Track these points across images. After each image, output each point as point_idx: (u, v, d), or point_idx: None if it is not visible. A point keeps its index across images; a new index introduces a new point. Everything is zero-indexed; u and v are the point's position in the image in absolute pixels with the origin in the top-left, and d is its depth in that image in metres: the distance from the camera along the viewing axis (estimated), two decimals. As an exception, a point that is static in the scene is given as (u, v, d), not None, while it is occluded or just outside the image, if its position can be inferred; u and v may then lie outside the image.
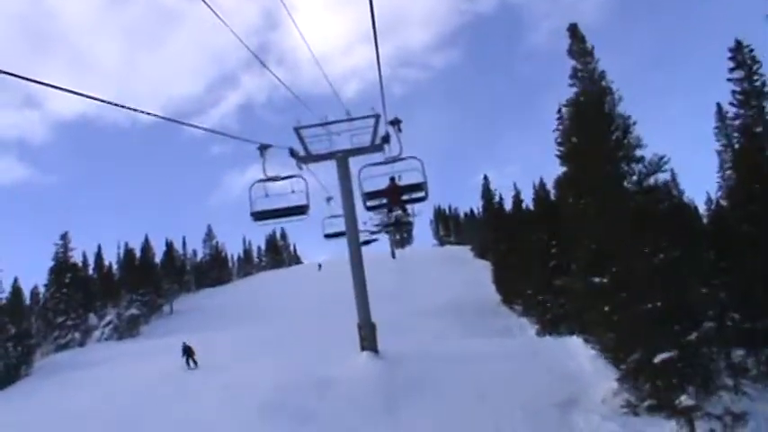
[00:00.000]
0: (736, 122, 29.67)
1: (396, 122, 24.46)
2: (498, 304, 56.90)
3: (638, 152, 18.26)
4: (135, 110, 9.69)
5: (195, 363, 35.12)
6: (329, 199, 31.10)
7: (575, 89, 20.58)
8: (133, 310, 71.11)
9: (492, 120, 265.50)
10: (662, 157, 18.12)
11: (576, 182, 19.72)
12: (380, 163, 24.13)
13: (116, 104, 8.97)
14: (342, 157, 27.30)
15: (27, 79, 6.93)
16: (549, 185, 52.55)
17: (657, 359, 16.35)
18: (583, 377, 22.18)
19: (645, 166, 18.04)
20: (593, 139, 18.69)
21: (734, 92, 30.19)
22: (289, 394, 22.68)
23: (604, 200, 17.82)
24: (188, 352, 35.64)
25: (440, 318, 48.58)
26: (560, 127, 39.17)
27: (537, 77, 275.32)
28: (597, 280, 18.00)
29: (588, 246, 18.36)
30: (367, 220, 46.24)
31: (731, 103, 30.26)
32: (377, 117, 25.58)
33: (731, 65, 30.39)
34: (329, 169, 28.06)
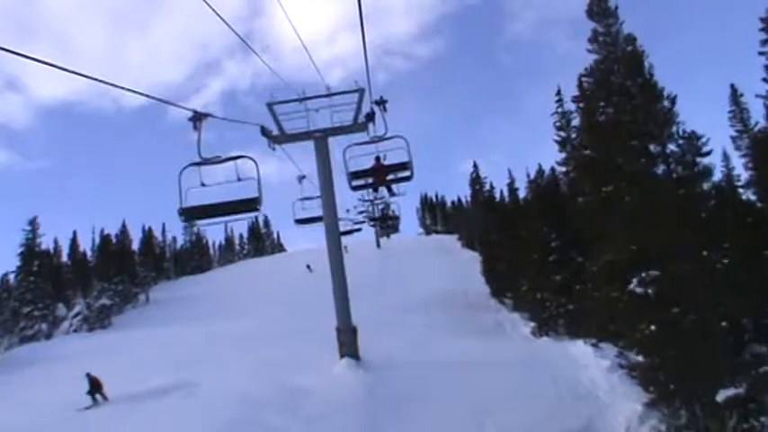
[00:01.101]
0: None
1: (381, 102, 22.08)
2: (488, 297, 54.24)
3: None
4: (120, 87, 10.12)
5: (104, 397, 27.32)
6: (302, 178, 27.35)
7: (594, 56, 17.42)
8: (104, 300, 67.55)
9: (475, 108, 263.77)
10: (700, 137, 15.06)
11: (598, 166, 16.48)
12: (366, 142, 21.76)
13: (107, 82, 9.05)
14: (321, 137, 24.17)
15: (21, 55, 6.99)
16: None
17: (721, 397, 13.25)
18: (598, 395, 19.02)
19: (684, 145, 14.84)
20: (630, 113, 15.49)
21: (767, 67, 27.22)
22: (257, 410, 19.70)
23: (642, 187, 14.58)
24: (94, 385, 27.51)
25: (427, 312, 45.95)
26: (559, 110, 36.34)
27: (519, 67, 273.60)
28: (640, 290, 14.63)
29: (626, 246, 14.92)
30: (350, 207, 43.14)
31: (764, 79, 27.21)
32: (361, 91, 22.58)
33: (763, 36, 27.43)
34: (305, 149, 24.96)
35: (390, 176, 22.29)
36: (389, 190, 26.90)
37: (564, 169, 33.86)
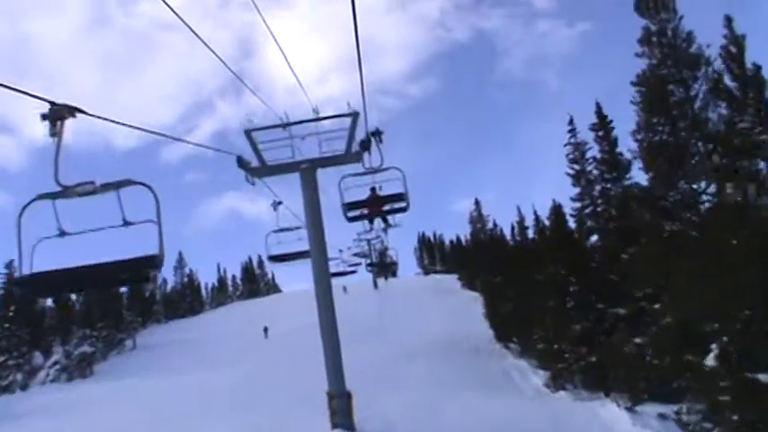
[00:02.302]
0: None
1: (377, 133, 19.49)
2: (491, 341, 51.34)
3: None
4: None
5: None
6: (277, 204, 23.00)
7: (645, 61, 14.36)
8: (85, 347, 63.90)
9: (469, 146, 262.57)
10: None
11: (658, 198, 13.29)
12: (361, 173, 19.27)
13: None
14: (308, 169, 21.02)
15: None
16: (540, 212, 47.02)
17: None
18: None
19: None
20: (700, 124, 12.36)
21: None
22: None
23: (736, 224, 11.26)
24: None
25: (428, 359, 42.93)
26: (572, 141, 33.41)
27: (512, 104, 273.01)
28: (764, 377, 11.15)
29: (707, 303, 11.44)
30: (343, 247, 40.23)
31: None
32: (354, 115, 19.63)
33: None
34: (288, 181, 21.90)
35: (386, 207, 20.51)
36: (385, 221, 25.23)
37: (578, 205, 30.80)
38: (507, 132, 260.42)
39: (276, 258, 23.51)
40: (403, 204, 20.23)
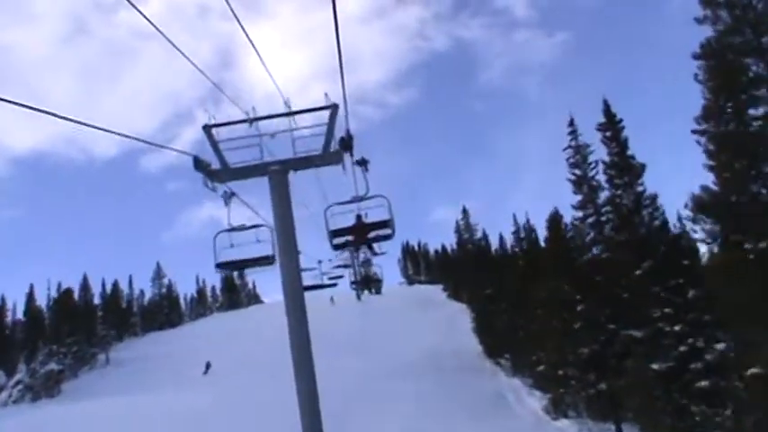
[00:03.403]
0: None
1: (363, 163, 16.75)
2: (481, 357, 49.04)
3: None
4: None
5: None
6: (230, 197, 19.15)
7: (708, 28, 11.55)
8: (52, 365, 60.38)
9: (450, 155, 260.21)
10: None
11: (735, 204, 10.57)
12: (347, 201, 16.51)
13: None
14: (278, 171, 18.13)
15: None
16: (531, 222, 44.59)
17: None
18: None
19: None
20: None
21: None
22: None
23: None
24: None
25: (415, 378, 40.56)
26: (572, 144, 30.72)
27: (493, 113, 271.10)
28: None
29: None
30: (324, 259, 37.75)
31: None
32: (333, 108, 16.74)
33: None
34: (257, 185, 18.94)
35: (371, 234, 18.02)
36: (371, 249, 22.99)
37: (580, 214, 28.02)
38: (489, 141, 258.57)
39: (227, 266, 18.72)
40: (388, 231, 17.81)
